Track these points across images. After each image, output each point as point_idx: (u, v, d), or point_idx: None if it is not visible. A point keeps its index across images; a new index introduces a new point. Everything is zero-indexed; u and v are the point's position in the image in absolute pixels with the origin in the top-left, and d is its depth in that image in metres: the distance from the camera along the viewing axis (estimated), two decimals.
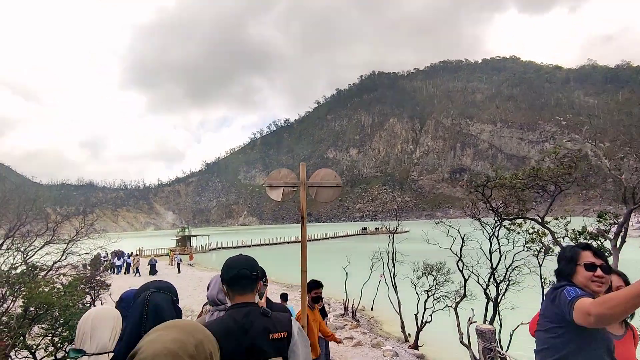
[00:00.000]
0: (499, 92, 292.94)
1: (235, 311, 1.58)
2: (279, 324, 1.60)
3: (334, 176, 3.39)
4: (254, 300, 1.66)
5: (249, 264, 1.68)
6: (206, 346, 0.81)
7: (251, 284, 1.65)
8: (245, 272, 1.63)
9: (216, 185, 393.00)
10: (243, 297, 1.63)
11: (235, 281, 1.62)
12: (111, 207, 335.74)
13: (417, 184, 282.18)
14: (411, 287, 10.21)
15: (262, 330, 1.54)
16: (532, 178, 5.00)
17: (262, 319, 1.57)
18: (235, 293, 1.63)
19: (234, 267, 1.65)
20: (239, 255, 1.77)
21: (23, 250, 7.71)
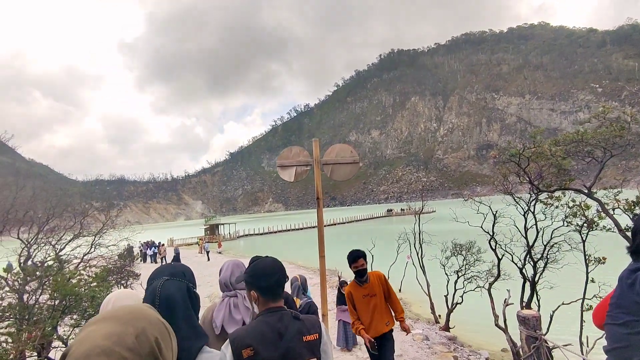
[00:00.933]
0: (527, 62, 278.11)
1: (269, 316, 1.62)
2: (311, 327, 1.65)
3: (350, 151, 3.10)
4: (283, 304, 1.69)
5: (283, 269, 1.71)
6: (150, 333, 0.72)
7: (282, 291, 1.70)
8: (282, 280, 1.67)
9: (241, 174, 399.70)
10: (275, 302, 1.66)
11: (272, 290, 1.65)
12: (142, 199, 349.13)
13: (442, 162, 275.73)
14: (440, 267, 9.86)
15: (297, 333, 1.59)
16: (575, 144, 4.48)
17: (295, 322, 1.62)
18: (269, 300, 1.65)
19: (270, 275, 1.66)
20: (269, 260, 1.74)
21: (54, 245, 7.91)
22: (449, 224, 10.41)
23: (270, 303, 1.65)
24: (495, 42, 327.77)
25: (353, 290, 3.65)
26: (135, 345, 0.67)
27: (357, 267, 3.53)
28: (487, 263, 8.88)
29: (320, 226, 2.96)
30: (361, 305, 3.62)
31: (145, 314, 0.76)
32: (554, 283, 6.03)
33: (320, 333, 1.67)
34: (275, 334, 1.56)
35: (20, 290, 5.36)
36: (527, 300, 5.69)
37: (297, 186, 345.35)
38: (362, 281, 3.63)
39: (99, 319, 0.72)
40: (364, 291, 3.62)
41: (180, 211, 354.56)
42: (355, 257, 3.53)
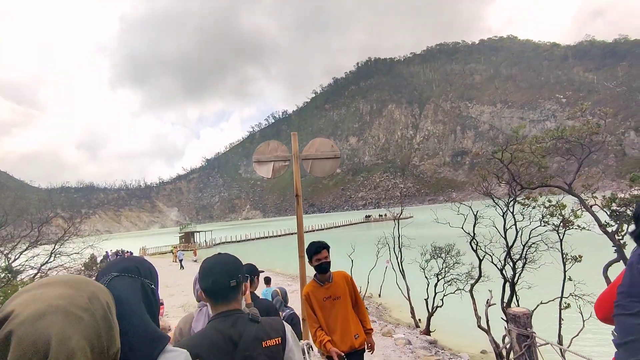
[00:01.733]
0: (498, 73, 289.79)
1: (219, 321, 1.37)
2: (272, 330, 1.42)
3: (330, 146, 2.92)
4: (239, 306, 1.43)
5: (227, 270, 1.41)
6: (101, 297, 0.68)
7: (233, 292, 1.41)
8: (222, 281, 1.38)
9: (217, 181, 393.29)
10: (226, 306, 1.41)
11: (213, 291, 1.39)
12: (113, 207, 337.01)
13: (419, 169, 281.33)
14: (420, 271, 9.83)
15: (254, 339, 1.36)
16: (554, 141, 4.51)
17: (252, 326, 1.38)
18: (215, 303, 1.41)
19: (208, 274, 1.39)
20: (216, 256, 1.47)
21: (6, 254, 7.30)
22: (427, 228, 10.50)
23: (219, 306, 1.41)
24: (468, 52, 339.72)
25: (312, 291, 2.93)
26: (89, 306, 0.63)
27: (320, 259, 2.90)
28: (466, 265, 8.90)
29: (300, 224, 2.76)
30: (323, 311, 2.93)
31: (92, 281, 0.72)
32: (532, 283, 6.06)
33: (284, 336, 1.43)
34: (227, 341, 1.34)
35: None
36: (507, 300, 5.67)
37: (275, 193, 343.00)
38: (323, 279, 2.98)
39: (42, 283, 0.65)
40: (325, 292, 2.94)
41: (154, 219, 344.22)
42: (317, 248, 2.90)
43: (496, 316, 5.49)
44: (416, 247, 11.86)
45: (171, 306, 12.92)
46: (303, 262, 2.81)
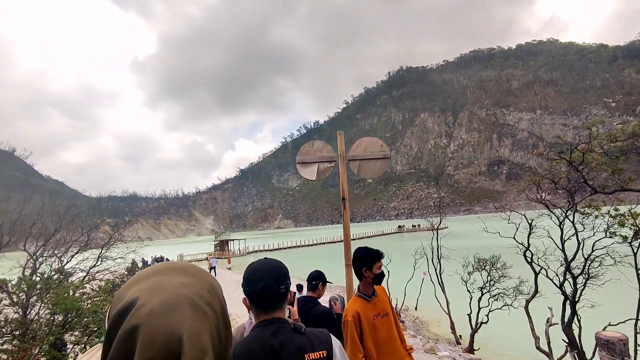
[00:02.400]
0: (537, 78, 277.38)
1: (261, 330, 1.28)
2: (317, 342, 1.29)
3: (379, 145, 2.74)
4: (283, 315, 1.34)
5: (277, 275, 1.32)
6: (218, 289, 0.63)
7: (280, 300, 1.32)
8: (272, 286, 1.29)
9: (251, 190, 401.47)
10: (270, 314, 1.31)
11: (259, 298, 1.30)
12: (154, 216, 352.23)
13: (453, 178, 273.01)
14: (461, 284, 9.30)
15: (296, 351, 1.25)
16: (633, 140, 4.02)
17: (295, 337, 1.27)
18: (259, 310, 1.32)
19: (258, 279, 1.29)
20: (264, 261, 1.38)
21: (60, 257, 7.64)
22: (465, 239, 10.00)
23: (261, 315, 1.31)
24: (504, 58, 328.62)
25: (361, 308, 2.42)
26: (209, 300, 0.58)
27: (380, 267, 2.51)
28: (513, 279, 8.32)
29: (347, 230, 2.57)
30: (372, 332, 2.42)
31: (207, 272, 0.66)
32: (595, 301, 5.48)
33: (331, 350, 1.30)
34: (268, 351, 1.24)
35: (21, 304, 5.06)
36: (568, 320, 5.14)
37: (307, 203, 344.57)
38: (369, 293, 2.55)
39: (158, 269, 0.59)
40: (373, 309, 2.49)
41: (190, 227, 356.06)
42: (378, 256, 2.50)
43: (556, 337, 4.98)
44: (456, 258, 11.30)
45: None
46: (350, 271, 2.62)
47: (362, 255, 2.50)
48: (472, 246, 9.05)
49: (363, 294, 2.55)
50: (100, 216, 9.46)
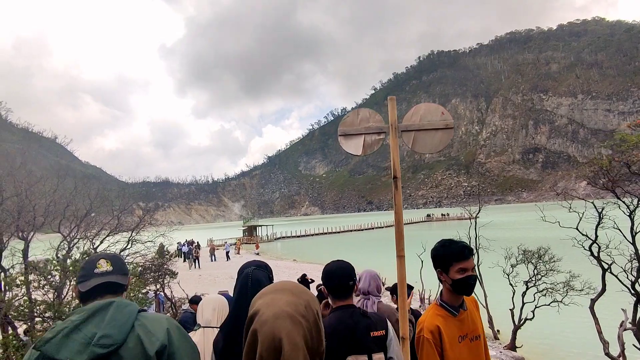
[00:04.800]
0: (580, 60, 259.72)
1: (340, 313, 1.77)
2: (379, 324, 1.77)
3: (440, 113, 2.26)
4: (352, 302, 1.85)
5: (345, 273, 1.83)
6: (313, 306, 0.89)
7: (350, 290, 1.83)
8: (345, 283, 1.82)
9: (278, 177, 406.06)
10: (344, 301, 1.82)
11: (335, 290, 1.83)
12: (185, 201, 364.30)
13: (485, 167, 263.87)
14: (502, 276, 8.68)
15: (365, 329, 1.72)
16: None
17: (363, 318, 1.76)
18: (335, 299, 1.84)
19: (333, 276, 1.83)
20: (334, 263, 1.90)
21: (92, 239, 7.67)
22: (504, 230, 9.27)
23: (337, 302, 1.83)
24: (544, 39, 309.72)
25: (443, 324, 1.84)
26: (305, 313, 0.83)
27: (466, 270, 1.84)
28: (563, 273, 7.63)
29: (399, 215, 2.13)
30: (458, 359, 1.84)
31: (306, 289, 0.92)
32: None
33: (387, 330, 1.77)
34: (346, 328, 1.70)
35: (54, 286, 5.00)
36: (638, 322, 4.51)
37: (334, 190, 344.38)
38: (456, 305, 1.92)
39: (272, 289, 0.90)
40: (460, 327, 1.89)
41: (220, 213, 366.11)
42: (458, 255, 1.85)
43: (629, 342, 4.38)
44: (495, 249, 10.63)
45: None
46: (403, 264, 2.18)
47: (437, 253, 1.92)
48: (513, 237, 8.38)
49: (447, 305, 1.90)
50: (134, 200, 9.51)
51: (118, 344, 1.11)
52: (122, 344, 1.12)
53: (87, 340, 1.09)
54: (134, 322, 1.19)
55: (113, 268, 1.35)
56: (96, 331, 1.11)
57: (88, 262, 1.37)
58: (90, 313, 1.15)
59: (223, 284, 16.75)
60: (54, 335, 1.09)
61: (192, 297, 5.47)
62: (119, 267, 1.38)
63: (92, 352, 1.06)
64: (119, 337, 1.12)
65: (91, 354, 1.06)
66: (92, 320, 1.14)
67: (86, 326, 1.12)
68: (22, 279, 4.97)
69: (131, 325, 1.17)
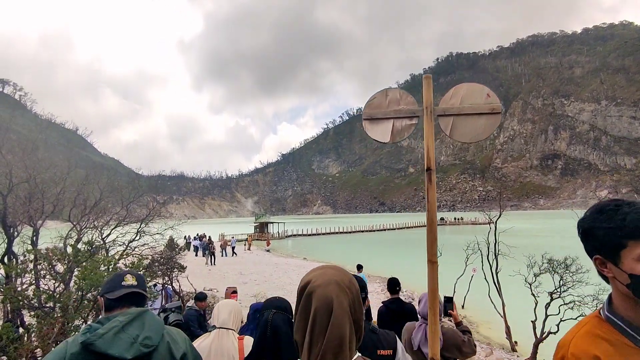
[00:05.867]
0: (605, 65, 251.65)
1: None
2: (386, 342, 1.75)
3: (484, 95, 1.91)
4: None
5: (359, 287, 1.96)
6: (355, 284, 1.03)
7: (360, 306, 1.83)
8: None
9: (291, 175, 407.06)
10: None
11: None
12: (199, 195, 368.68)
13: (501, 172, 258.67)
14: (524, 285, 8.21)
15: (371, 346, 1.70)
16: None
17: (372, 335, 1.75)
18: None
19: None
20: None
21: (100, 229, 7.54)
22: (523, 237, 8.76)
23: None
24: (567, 43, 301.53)
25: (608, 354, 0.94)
26: (350, 286, 0.99)
27: None
28: (592, 285, 7.12)
29: (432, 213, 1.79)
30: None
31: (350, 274, 1.07)
32: None
33: (395, 350, 1.74)
34: None
35: (57, 277, 4.83)
36: None
37: (347, 190, 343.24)
38: None
39: (322, 266, 1.06)
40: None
41: (232, 208, 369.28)
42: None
43: None
44: (515, 256, 10.14)
45: (244, 294, 12.86)
46: (436, 271, 1.85)
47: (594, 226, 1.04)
48: (533, 245, 7.91)
49: (624, 322, 1.00)
50: (141, 191, 9.35)
51: (156, 345, 1.35)
52: (157, 347, 1.36)
53: (132, 339, 1.29)
54: (163, 331, 1.43)
55: (138, 283, 1.55)
56: (138, 333, 1.32)
57: (116, 276, 1.57)
58: (133, 317, 1.36)
59: (232, 280, 16.60)
60: (106, 332, 1.27)
61: (198, 295, 5.24)
62: (141, 283, 1.58)
63: (138, 350, 1.28)
64: (156, 340, 1.36)
65: (137, 352, 1.28)
66: (134, 323, 1.34)
67: (130, 327, 1.32)
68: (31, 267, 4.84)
69: (163, 333, 1.42)
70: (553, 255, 7.98)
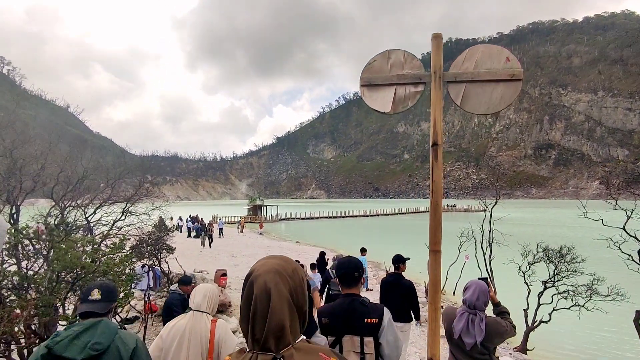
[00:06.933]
0: (604, 55, 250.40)
1: (344, 299, 2.12)
2: (374, 312, 2.03)
3: (504, 59, 1.63)
4: (358, 292, 2.16)
5: (354, 266, 2.14)
6: (299, 272, 1.08)
7: (355, 281, 2.15)
8: (352, 273, 2.13)
9: (286, 159, 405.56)
10: (351, 290, 2.14)
11: (344, 279, 2.15)
12: (192, 177, 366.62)
13: (495, 160, 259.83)
14: (517, 274, 8.11)
15: (360, 315, 2.01)
16: None
17: (362, 307, 2.04)
18: (343, 286, 2.16)
19: (342, 268, 2.15)
20: (347, 257, 2.27)
21: (84, 208, 7.23)
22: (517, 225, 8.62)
23: (344, 289, 2.15)
24: (567, 32, 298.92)
25: None
26: (292, 275, 1.04)
27: None
28: (585, 275, 7.04)
29: (437, 194, 1.55)
30: None
31: (294, 261, 1.12)
32: None
33: (381, 319, 2.01)
34: (345, 312, 2.04)
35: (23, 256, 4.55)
36: None
37: (341, 174, 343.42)
38: None
39: (268, 257, 1.11)
40: None
41: (226, 191, 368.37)
42: None
43: None
44: (509, 244, 10.05)
45: (234, 277, 12.72)
46: (439, 261, 1.61)
47: None
48: (527, 233, 7.78)
49: None
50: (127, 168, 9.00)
51: (105, 348, 1.70)
52: (107, 349, 1.70)
53: (83, 345, 1.65)
54: (115, 335, 1.77)
55: (101, 297, 1.88)
56: (90, 339, 1.68)
57: (87, 289, 1.95)
58: (87, 327, 1.73)
59: (223, 262, 16.45)
60: (63, 338, 1.66)
61: (182, 278, 5.00)
62: (106, 296, 1.90)
63: (87, 353, 1.63)
64: (106, 344, 1.71)
65: (87, 354, 1.63)
66: (87, 332, 1.71)
67: (83, 335, 1.69)
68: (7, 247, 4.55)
69: (113, 338, 1.76)
70: (548, 244, 7.87)
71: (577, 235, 25.33)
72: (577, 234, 25.77)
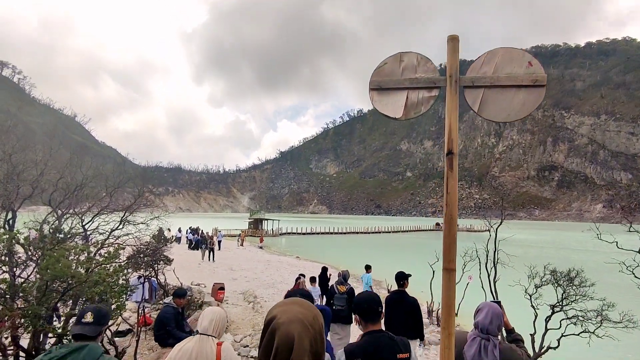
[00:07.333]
0: (607, 79, 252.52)
1: (371, 336, 2.06)
2: (403, 347, 2.04)
3: (525, 64, 1.52)
4: (380, 326, 2.12)
5: (376, 301, 2.12)
6: (319, 319, 1.08)
7: (379, 316, 2.12)
8: (375, 308, 2.11)
9: (289, 173, 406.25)
10: (375, 326, 2.10)
11: (366, 315, 2.10)
12: (195, 189, 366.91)
13: (498, 180, 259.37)
14: (524, 297, 7.84)
15: (391, 350, 2.00)
16: None
17: (390, 342, 2.03)
18: (367, 322, 2.10)
19: (364, 303, 2.11)
20: (365, 293, 2.21)
21: (81, 216, 7.10)
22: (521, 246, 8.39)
23: (369, 325, 2.09)
24: (570, 56, 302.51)
25: None
26: (312, 323, 1.04)
27: None
28: (595, 300, 6.78)
29: (451, 208, 1.40)
30: None
31: (314, 306, 1.13)
32: None
33: (410, 354, 2.05)
34: (376, 350, 1.99)
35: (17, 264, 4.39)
36: None
37: (343, 190, 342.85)
38: None
39: (288, 302, 1.12)
40: None
41: (228, 203, 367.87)
42: None
43: None
44: (514, 266, 9.79)
45: (232, 291, 12.44)
46: (453, 280, 1.47)
47: None
48: (532, 255, 7.55)
49: None
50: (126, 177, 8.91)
51: None
52: None
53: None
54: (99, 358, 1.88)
55: (93, 320, 2.00)
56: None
57: (82, 311, 2.08)
58: (72, 349, 1.85)
59: (221, 276, 16.17)
60: (50, 358, 1.79)
61: (177, 290, 4.83)
62: (97, 320, 2.03)
63: None
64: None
65: None
66: (72, 354, 1.82)
67: (67, 357, 1.81)
68: None
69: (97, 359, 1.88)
70: (556, 266, 7.63)
71: (582, 258, 24.88)
72: (582, 257, 25.33)
